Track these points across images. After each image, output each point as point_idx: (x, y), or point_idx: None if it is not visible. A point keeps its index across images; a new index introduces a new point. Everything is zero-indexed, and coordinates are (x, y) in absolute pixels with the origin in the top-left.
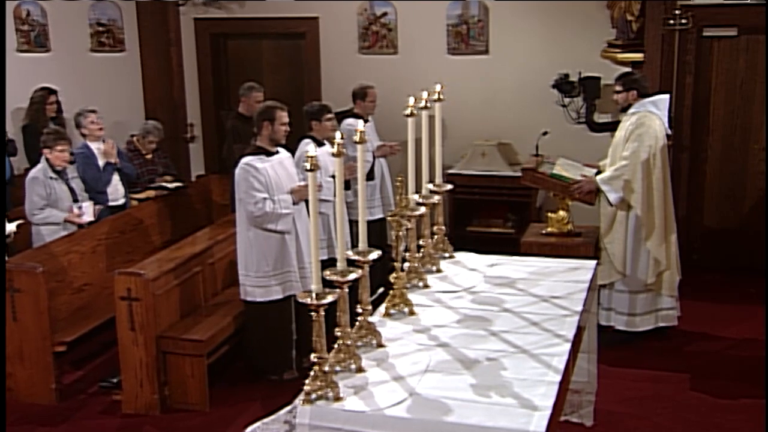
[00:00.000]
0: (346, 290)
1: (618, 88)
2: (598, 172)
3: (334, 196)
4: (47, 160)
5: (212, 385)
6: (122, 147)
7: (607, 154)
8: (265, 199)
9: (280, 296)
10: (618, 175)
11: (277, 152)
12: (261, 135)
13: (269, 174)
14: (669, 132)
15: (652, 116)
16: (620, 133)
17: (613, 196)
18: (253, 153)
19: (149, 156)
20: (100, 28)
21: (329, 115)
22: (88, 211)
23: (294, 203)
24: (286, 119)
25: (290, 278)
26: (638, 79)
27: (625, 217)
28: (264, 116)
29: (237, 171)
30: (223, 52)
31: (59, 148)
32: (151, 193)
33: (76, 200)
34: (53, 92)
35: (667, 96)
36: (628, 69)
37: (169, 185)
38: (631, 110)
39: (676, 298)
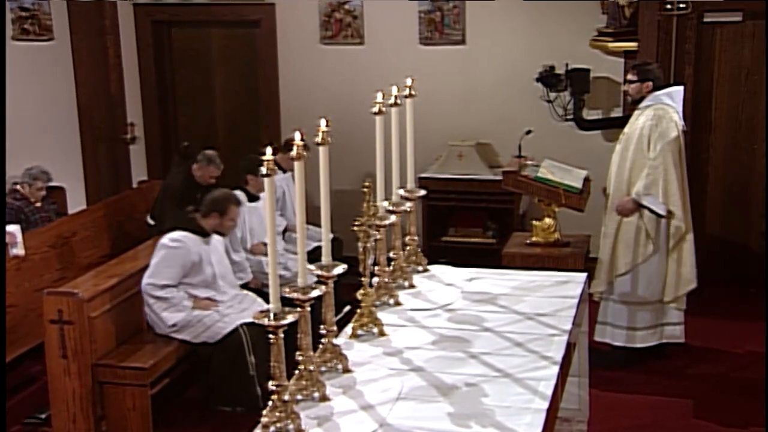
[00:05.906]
0: (308, 309)
1: (631, 77)
2: (587, 176)
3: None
4: None
5: (156, 418)
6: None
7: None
8: (172, 287)
9: None
10: (653, 181)
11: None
12: (205, 221)
13: (195, 261)
14: (685, 128)
15: (668, 109)
16: (631, 128)
17: (661, 208)
18: (192, 231)
19: (39, 204)
20: (24, 14)
21: None
22: (18, 241)
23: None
24: (237, 216)
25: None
26: (654, 69)
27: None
28: (216, 207)
29: (165, 241)
30: (167, 42)
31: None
32: None
33: None
34: None
35: (681, 88)
36: (620, 59)
37: None
38: (644, 103)
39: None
